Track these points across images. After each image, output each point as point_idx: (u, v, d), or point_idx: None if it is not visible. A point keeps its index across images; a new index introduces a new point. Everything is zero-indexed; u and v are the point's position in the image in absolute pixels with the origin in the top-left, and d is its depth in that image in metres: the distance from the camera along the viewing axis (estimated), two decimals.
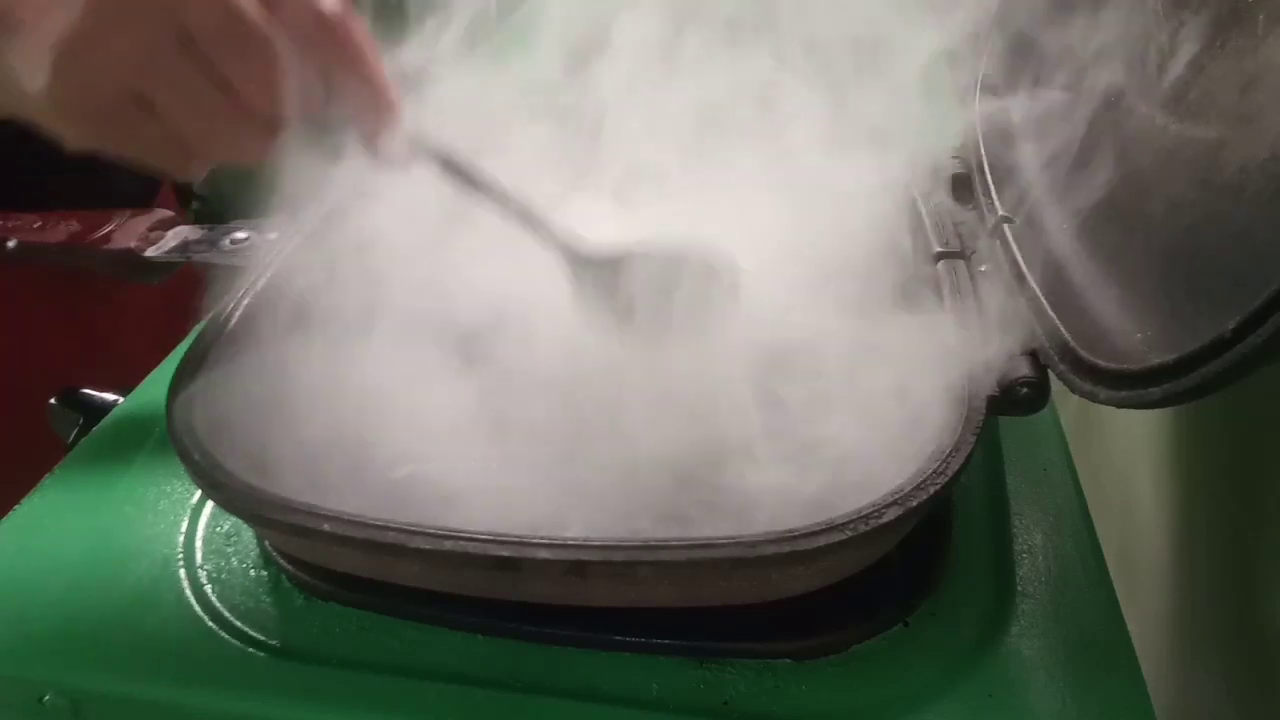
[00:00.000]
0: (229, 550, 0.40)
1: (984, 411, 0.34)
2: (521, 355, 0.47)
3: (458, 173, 0.39)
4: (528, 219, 0.41)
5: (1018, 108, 0.49)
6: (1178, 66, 0.34)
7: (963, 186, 0.47)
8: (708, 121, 0.57)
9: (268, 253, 0.45)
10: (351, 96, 0.35)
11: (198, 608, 0.37)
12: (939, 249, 0.43)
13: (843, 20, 0.47)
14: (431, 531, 0.31)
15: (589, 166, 0.51)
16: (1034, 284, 0.37)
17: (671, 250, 0.43)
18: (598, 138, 0.50)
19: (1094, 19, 0.42)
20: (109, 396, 0.49)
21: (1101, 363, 0.31)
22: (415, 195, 0.56)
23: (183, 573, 0.39)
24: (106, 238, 0.49)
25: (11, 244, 0.49)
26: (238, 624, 0.37)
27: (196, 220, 0.51)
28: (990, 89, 0.49)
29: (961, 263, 0.42)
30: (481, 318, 0.50)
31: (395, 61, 0.38)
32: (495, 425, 0.43)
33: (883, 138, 0.49)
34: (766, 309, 0.50)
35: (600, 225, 0.45)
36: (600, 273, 0.42)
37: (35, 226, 0.50)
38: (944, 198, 0.47)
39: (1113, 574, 0.39)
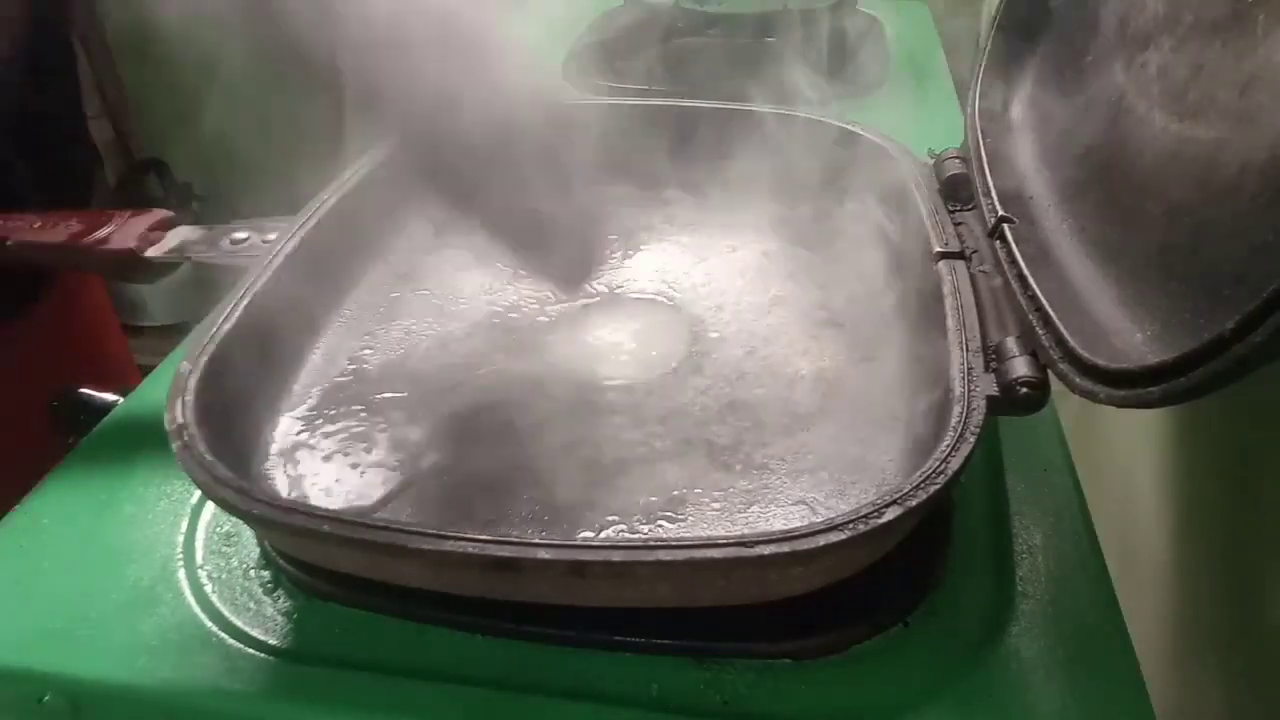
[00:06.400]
0: (229, 550, 0.40)
1: (984, 411, 0.34)
2: (526, 363, 0.47)
3: None
4: None
5: (1017, 107, 0.49)
6: (1178, 66, 0.34)
7: (963, 186, 0.47)
8: None
9: (268, 253, 0.45)
10: None
11: (197, 608, 0.37)
12: (939, 249, 0.43)
13: None
14: (431, 532, 0.31)
15: None
16: (1034, 284, 0.37)
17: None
18: None
19: (1094, 18, 0.42)
20: (109, 396, 0.49)
21: (1101, 362, 0.31)
22: (416, 197, 0.57)
23: (182, 573, 0.39)
24: (106, 238, 0.49)
25: (10, 244, 0.49)
26: (238, 624, 0.37)
27: (196, 220, 0.51)
28: (990, 88, 0.49)
29: (961, 263, 0.42)
30: (483, 321, 0.50)
31: None
32: (498, 431, 0.43)
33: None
34: (765, 310, 0.50)
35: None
36: None
37: (35, 226, 0.50)
38: (944, 198, 0.47)
39: (1113, 574, 0.39)
